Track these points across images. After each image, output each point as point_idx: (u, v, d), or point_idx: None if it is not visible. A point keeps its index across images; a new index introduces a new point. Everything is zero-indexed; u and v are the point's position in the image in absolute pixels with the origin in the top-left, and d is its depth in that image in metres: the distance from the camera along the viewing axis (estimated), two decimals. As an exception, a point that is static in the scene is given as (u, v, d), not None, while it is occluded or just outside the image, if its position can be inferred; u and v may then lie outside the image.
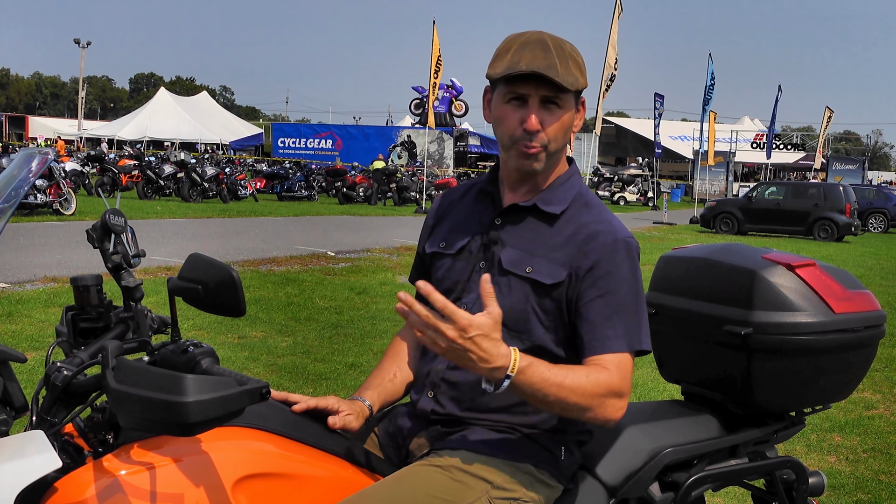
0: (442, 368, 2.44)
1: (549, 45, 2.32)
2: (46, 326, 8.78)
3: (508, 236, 2.44)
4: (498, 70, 2.33)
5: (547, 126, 2.34)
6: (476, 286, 2.39)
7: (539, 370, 2.17)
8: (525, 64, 2.28)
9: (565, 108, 2.36)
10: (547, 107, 2.34)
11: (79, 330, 2.22)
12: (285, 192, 36.31)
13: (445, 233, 2.59)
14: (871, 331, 2.96)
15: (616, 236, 2.38)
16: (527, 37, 2.36)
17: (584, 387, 2.22)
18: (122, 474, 1.97)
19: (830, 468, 5.84)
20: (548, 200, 2.44)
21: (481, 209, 2.54)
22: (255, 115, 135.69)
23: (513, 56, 2.32)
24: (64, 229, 18.39)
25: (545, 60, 2.28)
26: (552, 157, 2.41)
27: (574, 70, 2.33)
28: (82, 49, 75.29)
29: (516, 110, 2.35)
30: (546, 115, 2.34)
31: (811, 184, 34.39)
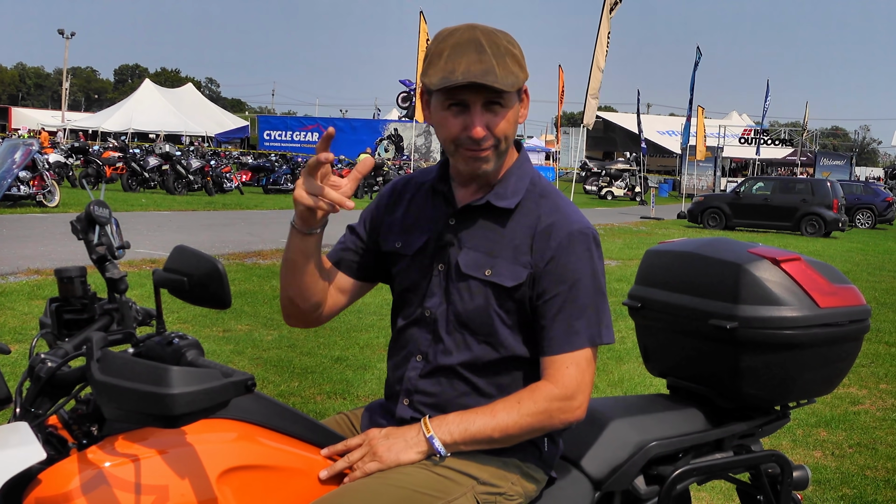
0: (414, 376, 2.43)
1: (483, 45, 2.23)
2: (30, 319, 8.74)
3: (465, 237, 2.39)
4: (433, 80, 2.24)
5: (494, 127, 2.28)
6: (436, 289, 2.40)
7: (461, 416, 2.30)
8: (461, 73, 2.19)
9: (509, 106, 2.29)
10: (490, 108, 2.26)
11: (63, 321, 2.21)
12: (271, 184, 36.25)
13: (400, 231, 2.51)
14: (855, 325, 2.97)
15: (572, 228, 2.34)
16: (458, 36, 2.25)
17: (521, 413, 2.28)
18: (107, 466, 1.96)
19: (816, 463, 5.86)
20: (501, 195, 2.39)
21: (435, 208, 2.48)
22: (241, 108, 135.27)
23: (446, 63, 2.22)
24: (47, 221, 18.34)
25: (481, 65, 2.20)
26: (503, 154, 2.36)
27: (513, 67, 2.25)
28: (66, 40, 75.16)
29: (457, 116, 2.28)
30: (491, 117, 2.27)
31: (799, 179, 34.55)
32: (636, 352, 2.85)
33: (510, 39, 2.31)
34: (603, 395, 7.27)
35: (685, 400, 3.04)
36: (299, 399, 6.72)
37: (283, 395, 6.74)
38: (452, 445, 2.25)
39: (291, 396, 6.75)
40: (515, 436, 2.28)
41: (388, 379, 2.55)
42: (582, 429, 2.66)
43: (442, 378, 2.39)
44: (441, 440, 2.25)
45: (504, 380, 2.39)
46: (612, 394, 7.30)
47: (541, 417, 2.27)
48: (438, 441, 2.24)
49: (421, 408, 2.41)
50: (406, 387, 2.43)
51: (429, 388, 2.40)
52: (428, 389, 2.40)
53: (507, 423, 2.26)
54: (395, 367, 2.50)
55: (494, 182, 2.41)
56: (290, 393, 6.85)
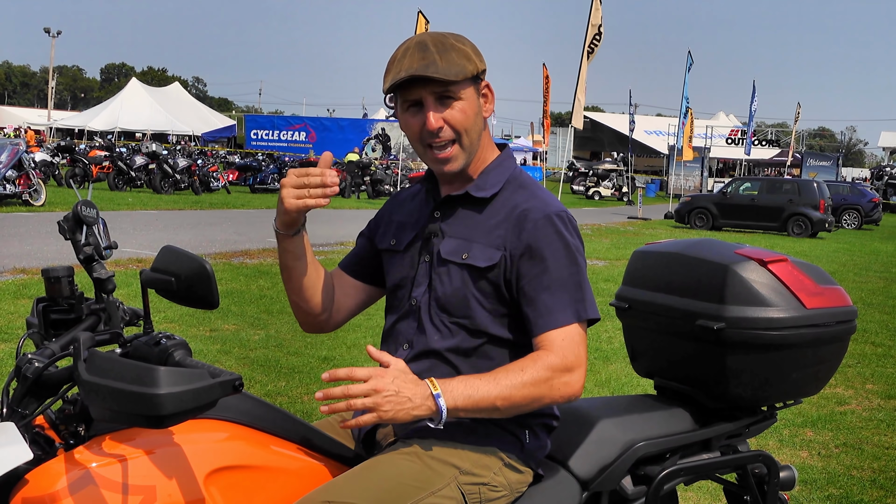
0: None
1: (427, 45, 2.36)
2: (15, 318, 8.70)
3: (447, 227, 2.50)
4: (387, 83, 2.39)
5: (450, 119, 2.38)
6: (422, 279, 2.48)
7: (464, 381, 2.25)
8: (405, 69, 2.33)
9: (464, 98, 2.39)
10: (443, 102, 2.38)
11: (50, 321, 2.20)
12: (258, 184, 36.17)
13: (394, 230, 2.63)
14: (842, 326, 2.98)
15: (547, 210, 2.42)
16: (407, 43, 2.41)
17: (524, 381, 2.26)
18: (94, 466, 1.96)
19: (803, 463, 5.88)
20: (480, 186, 2.49)
21: (423, 205, 2.60)
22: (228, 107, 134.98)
23: (396, 66, 2.37)
24: (33, 220, 18.26)
25: (423, 61, 2.33)
26: (469, 149, 2.45)
27: (458, 59, 2.36)
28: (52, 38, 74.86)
29: (416, 115, 2.41)
30: (445, 109, 2.38)
31: (785, 180, 34.61)
32: (623, 352, 2.86)
33: (460, 38, 2.44)
34: (590, 395, 7.27)
35: (672, 400, 3.04)
36: (286, 399, 6.71)
37: (271, 395, 6.73)
38: (453, 410, 2.21)
39: (278, 396, 6.74)
40: (517, 405, 2.27)
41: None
42: (569, 429, 2.67)
43: (426, 363, 2.43)
44: (445, 403, 2.20)
45: (486, 364, 2.41)
46: (600, 394, 7.31)
47: (543, 388, 2.27)
48: (443, 401, 2.19)
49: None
50: None
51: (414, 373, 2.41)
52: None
53: (510, 391, 2.25)
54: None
55: (474, 177, 2.51)
56: (277, 392, 6.84)
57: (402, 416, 2.14)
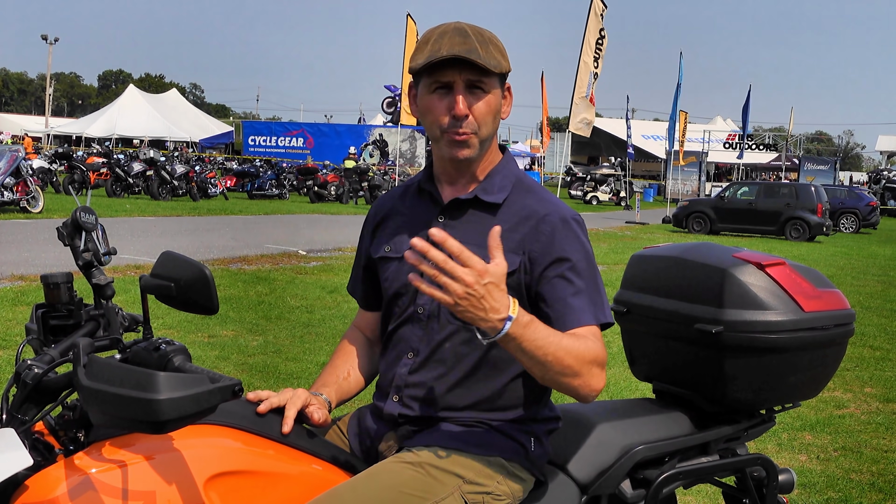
0: (404, 373, 2.44)
1: (467, 32, 2.33)
2: (14, 325, 8.70)
3: (455, 232, 2.33)
4: (419, 61, 2.33)
5: (475, 110, 2.34)
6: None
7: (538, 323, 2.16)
8: (446, 50, 2.28)
9: (491, 92, 2.36)
10: (473, 91, 2.34)
11: (49, 328, 2.21)
12: (256, 190, 36.20)
13: (389, 236, 2.57)
14: (840, 329, 2.99)
15: (564, 215, 2.41)
16: (444, 27, 2.36)
17: (579, 350, 2.21)
18: (94, 472, 1.96)
19: (801, 467, 5.88)
20: (488, 190, 2.45)
21: (423, 208, 2.53)
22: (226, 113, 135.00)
23: (433, 45, 2.32)
24: (31, 227, 18.25)
25: (465, 45, 2.29)
26: (483, 145, 2.41)
27: (496, 53, 2.34)
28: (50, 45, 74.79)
29: (442, 98, 2.35)
30: (473, 100, 2.34)
31: (783, 184, 34.60)
32: (622, 356, 2.85)
33: (494, 35, 2.40)
34: (589, 399, 7.27)
35: (671, 404, 3.05)
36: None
37: (269, 401, 6.72)
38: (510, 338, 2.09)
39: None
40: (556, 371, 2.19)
41: (378, 381, 2.58)
42: (568, 433, 2.68)
43: (433, 372, 2.41)
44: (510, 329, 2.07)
45: (492, 373, 2.40)
46: (599, 396, 7.30)
47: (584, 367, 2.22)
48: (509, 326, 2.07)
49: (409, 402, 2.43)
50: (396, 383, 2.45)
51: (419, 382, 2.42)
52: (418, 383, 2.42)
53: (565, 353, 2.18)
54: (387, 367, 2.52)
55: (480, 179, 2.47)
56: (275, 398, 6.83)
57: (470, 317, 2.04)
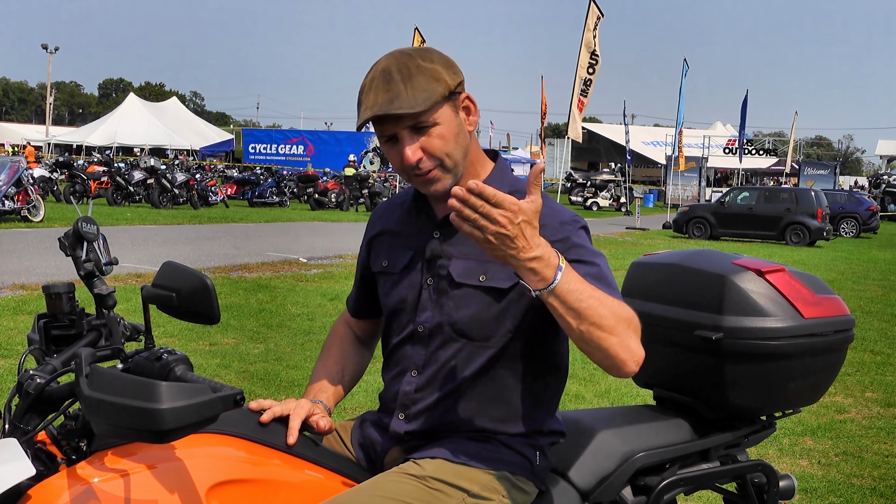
0: (409, 391, 2.43)
1: (391, 74, 2.22)
2: (15, 334, 8.71)
3: (453, 248, 2.38)
4: (359, 119, 2.26)
5: (428, 148, 2.26)
6: (428, 304, 2.39)
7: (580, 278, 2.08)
8: (370, 108, 2.22)
9: (440, 122, 2.25)
10: (419, 131, 2.25)
11: (51, 337, 2.22)
12: (256, 198, 36.22)
13: (386, 251, 2.55)
14: (840, 335, 2.99)
15: (564, 217, 2.34)
16: (372, 72, 2.27)
17: (613, 303, 2.12)
18: (96, 481, 1.97)
19: (803, 472, 5.88)
20: None
21: (418, 224, 2.49)
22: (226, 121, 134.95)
23: (364, 101, 2.25)
24: (32, 236, 18.27)
25: (387, 94, 2.20)
26: (456, 170, 2.32)
27: (425, 84, 2.22)
28: (50, 54, 74.89)
29: (394, 148, 2.29)
30: (423, 139, 2.25)
31: (783, 189, 34.61)
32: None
33: (427, 54, 2.29)
34: (590, 405, 7.28)
35: (671, 410, 3.05)
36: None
37: (271, 409, 6.71)
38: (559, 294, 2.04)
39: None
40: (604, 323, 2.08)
41: (382, 393, 2.56)
42: (569, 440, 2.68)
43: (438, 389, 2.39)
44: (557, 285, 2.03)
45: (500, 387, 2.39)
46: (600, 404, 7.31)
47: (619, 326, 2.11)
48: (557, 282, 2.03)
49: (415, 420, 2.42)
50: (402, 401, 2.44)
51: (424, 400, 2.41)
52: (423, 401, 2.41)
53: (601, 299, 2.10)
54: (390, 382, 2.51)
55: None
56: (277, 406, 6.82)
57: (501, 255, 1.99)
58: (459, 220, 1.96)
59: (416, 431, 2.42)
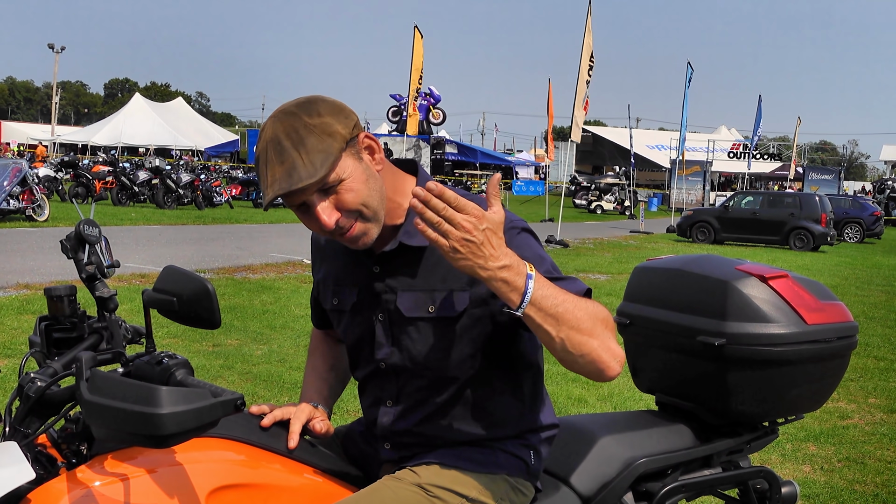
0: (387, 422, 2.40)
1: (281, 143, 2.10)
2: (19, 334, 8.72)
3: (396, 282, 2.31)
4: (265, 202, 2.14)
5: (342, 205, 2.14)
6: (383, 339, 2.35)
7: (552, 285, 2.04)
8: (270, 189, 2.09)
9: (346, 177, 2.13)
10: (327, 192, 2.13)
11: (52, 340, 2.21)
12: (261, 198, 36.19)
13: (333, 288, 2.47)
14: (843, 341, 2.99)
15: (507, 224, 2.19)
16: (263, 143, 2.13)
17: (587, 304, 2.07)
18: (96, 485, 1.96)
19: (805, 478, 5.87)
20: (412, 232, 2.27)
21: (355, 258, 2.39)
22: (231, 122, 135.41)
23: (262, 181, 2.13)
24: (37, 235, 18.27)
25: (282, 168, 2.08)
26: (376, 216, 2.21)
27: (319, 145, 2.08)
28: (56, 54, 75.08)
29: (306, 215, 2.18)
30: (334, 198, 2.14)
31: (787, 193, 34.55)
32: (625, 368, 2.85)
33: (311, 108, 2.14)
34: (593, 408, 7.28)
35: (673, 416, 3.05)
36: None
37: (273, 411, 6.71)
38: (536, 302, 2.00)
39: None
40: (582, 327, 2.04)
41: (364, 415, 2.54)
42: (571, 445, 2.68)
43: (417, 416, 2.37)
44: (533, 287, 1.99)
45: (482, 395, 2.36)
46: (602, 407, 7.31)
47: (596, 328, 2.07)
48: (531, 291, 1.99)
49: (404, 447, 2.41)
50: (382, 433, 2.42)
51: (407, 430, 2.39)
52: (406, 431, 2.39)
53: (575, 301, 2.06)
54: (368, 409, 2.49)
55: (400, 222, 2.31)
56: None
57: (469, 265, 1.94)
58: (424, 224, 1.92)
59: (407, 456, 2.41)
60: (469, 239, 1.91)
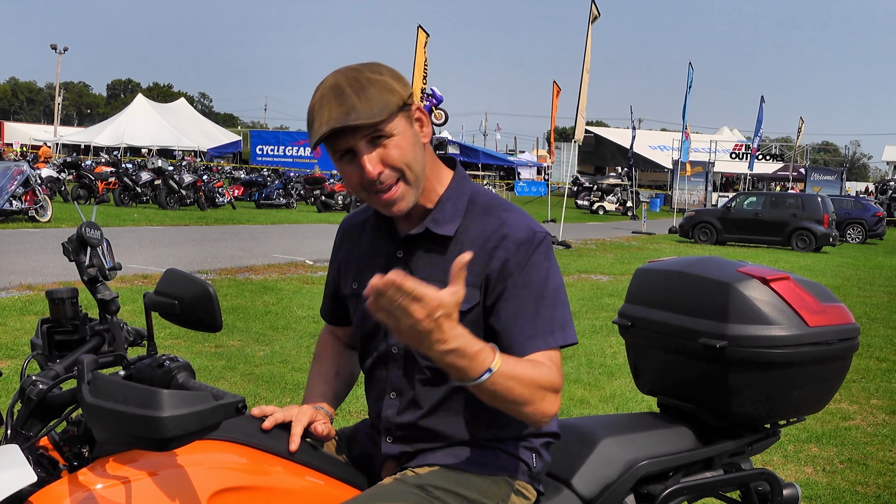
0: (391, 414, 2.41)
1: (342, 88, 2.18)
2: (21, 335, 8.72)
3: (415, 269, 2.34)
4: (312, 137, 2.22)
5: (388, 159, 2.20)
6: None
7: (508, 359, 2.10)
8: (325, 123, 2.16)
9: (397, 133, 2.20)
10: (376, 143, 2.20)
11: (54, 342, 2.22)
12: (263, 199, 36.24)
13: (354, 272, 2.51)
14: (844, 343, 2.99)
15: (522, 234, 2.29)
16: (322, 89, 2.22)
17: (532, 377, 2.14)
18: (98, 488, 1.96)
19: (807, 479, 5.87)
20: (439, 221, 2.34)
21: (381, 242, 2.45)
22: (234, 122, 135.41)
23: (316, 119, 2.19)
24: (39, 236, 18.27)
25: (341, 108, 2.15)
26: (416, 183, 2.28)
27: (379, 95, 2.17)
28: (59, 55, 75.04)
29: (350, 164, 2.23)
30: (381, 151, 2.20)
31: (789, 194, 34.54)
32: (626, 369, 2.85)
33: (375, 68, 2.24)
34: (595, 409, 7.27)
35: (675, 418, 3.05)
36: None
37: (275, 412, 6.71)
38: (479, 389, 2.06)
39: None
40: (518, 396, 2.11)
41: (369, 412, 2.55)
42: (572, 447, 2.68)
43: (421, 409, 2.38)
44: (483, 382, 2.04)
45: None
46: (604, 408, 7.31)
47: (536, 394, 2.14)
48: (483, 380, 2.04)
49: (406, 442, 2.41)
50: (386, 426, 2.43)
51: (410, 423, 2.39)
52: (409, 424, 2.39)
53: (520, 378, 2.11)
54: (373, 403, 2.49)
55: (430, 207, 2.37)
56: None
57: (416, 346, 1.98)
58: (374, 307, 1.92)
59: (408, 452, 2.41)
60: (417, 328, 1.92)
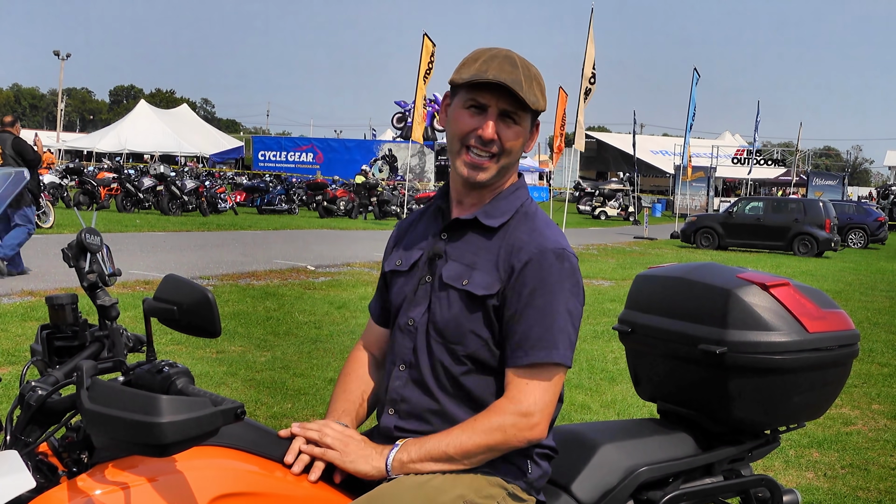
0: (399, 385, 2.48)
1: (517, 62, 2.39)
2: (23, 340, 8.72)
3: (452, 250, 2.48)
4: (464, 76, 2.39)
5: (502, 137, 2.39)
6: (422, 300, 2.47)
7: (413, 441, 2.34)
8: (493, 74, 2.33)
9: (521, 125, 2.42)
10: (504, 120, 2.39)
11: (54, 349, 2.22)
12: (265, 205, 36.24)
13: (401, 251, 2.63)
14: (844, 350, 2.99)
15: (545, 247, 2.39)
16: (496, 51, 2.42)
17: (476, 430, 2.31)
18: (97, 494, 1.96)
19: (808, 484, 5.86)
20: (489, 213, 2.48)
21: (432, 225, 2.60)
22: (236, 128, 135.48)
23: (481, 66, 2.37)
24: (41, 242, 18.24)
25: (512, 74, 2.34)
26: (501, 172, 2.46)
27: (536, 90, 2.41)
28: (62, 61, 75.09)
29: (473, 116, 2.40)
30: (503, 128, 2.39)
31: (791, 199, 34.56)
32: (627, 375, 2.85)
33: (539, 72, 2.46)
34: (596, 415, 7.27)
35: (675, 424, 3.05)
36: (293, 420, 6.68)
37: (277, 417, 6.72)
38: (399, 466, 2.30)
39: (284, 418, 6.73)
40: (473, 453, 2.31)
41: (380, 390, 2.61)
42: (572, 454, 2.67)
43: (424, 386, 2.44)
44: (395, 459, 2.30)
45: (485, 391, 2.42)
46: (605, 414, 7.31)
47: (496, 435, 2.30)
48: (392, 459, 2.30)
49: (404, 417, 2.45)
50: (391, 396, 2.49)
51: (412, 397, 2.45)
52: (411, 398, 2.45)
53: (461, 440, 2.30)
54: (386, 373, 2.56)
55: (486, 201, 2.50)
56: (283, 414, 6.83)
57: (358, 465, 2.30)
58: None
59: (404, 428, 2.45)
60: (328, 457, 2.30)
